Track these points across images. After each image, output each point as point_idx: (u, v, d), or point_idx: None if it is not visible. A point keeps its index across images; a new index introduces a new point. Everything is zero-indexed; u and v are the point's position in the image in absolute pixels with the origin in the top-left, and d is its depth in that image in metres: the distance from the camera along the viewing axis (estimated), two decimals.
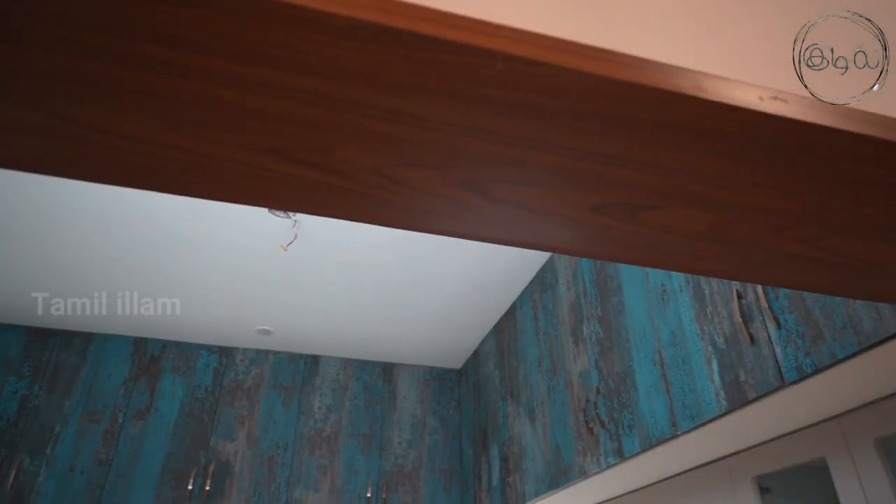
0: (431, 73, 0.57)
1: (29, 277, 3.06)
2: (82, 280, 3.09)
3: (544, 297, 2.87)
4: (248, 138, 0.65)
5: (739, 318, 1.56)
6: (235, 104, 0.60)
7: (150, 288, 3.18)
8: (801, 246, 0.83)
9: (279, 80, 0.57)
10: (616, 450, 2.08)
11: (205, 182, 0.72)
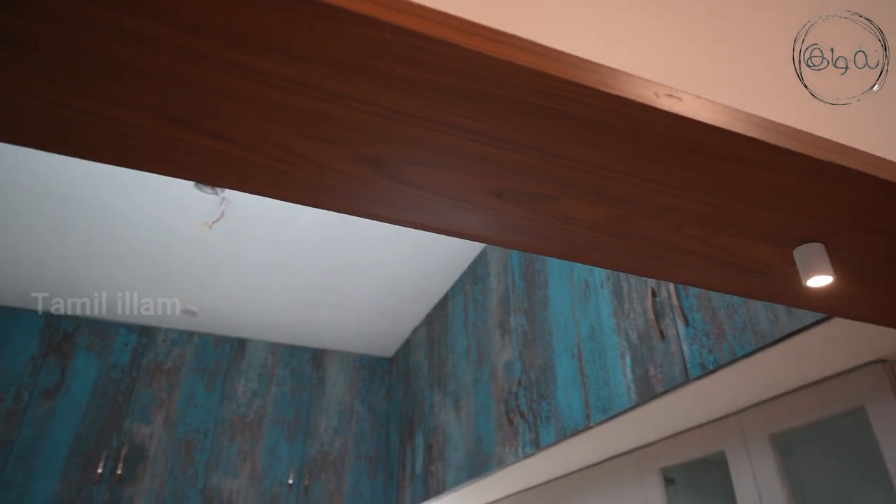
0: (328, 42, 0.55)
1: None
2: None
3: (475, 289, 2.89)
4: (138, 98, 0.61)
5: (652, 315, 1.61)
6: (125, 62, 0.56)
7: (68, 264, 3.01)
8: (698, 244, 0.85)
9: (173, 39, 0.54)
10: (533, 440, 2.12)
11: (94, 144, 0.67)
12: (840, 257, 0.87)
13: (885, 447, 1.30)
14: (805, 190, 0.76)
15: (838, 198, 0.77)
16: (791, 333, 1.23)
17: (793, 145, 0.70)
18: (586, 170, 0.72)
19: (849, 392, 1.39)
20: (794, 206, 0.79)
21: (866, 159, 0.74)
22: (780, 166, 0.72)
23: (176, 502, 3.19)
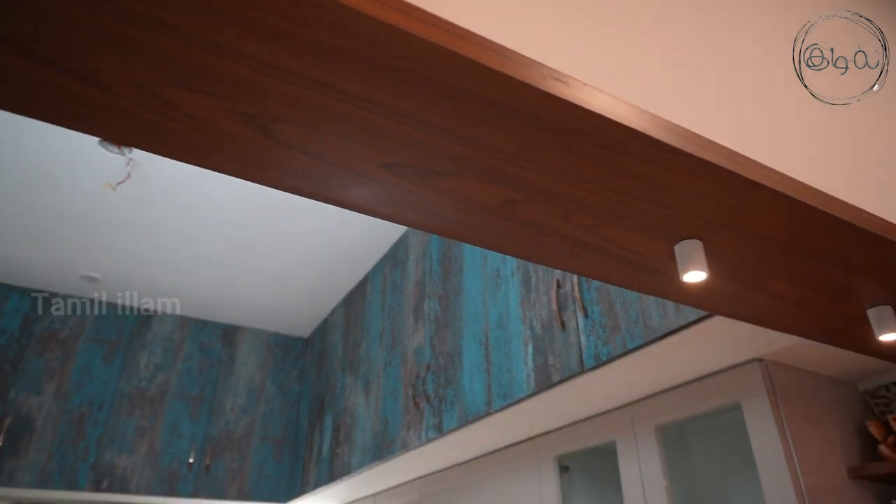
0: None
1: None
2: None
3: (394, 272, 2.87)
4: None
5: (556, 306, 1.64)
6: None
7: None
8: (585, 233, 0.87)
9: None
10: (437, 425, 2.13)
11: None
12: (717, 255, 0.91)
13: (755, 441, 1.38)
14: (686, 187, 0.78)
15: (717, 198, 0.80)
16: (677, 329, 1.28)
17: (674, 141, 0.71)
18: (478, 149, 0.71)
19: (727, 388, 1.47)
20: (676, 202, 0.81)
21: (744, 163, 0.77)
22: (662, 161, 0.74)
23: (63, 478, 3.02)
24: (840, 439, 1.46)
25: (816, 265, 0.96)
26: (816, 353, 1.41)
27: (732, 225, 0.85)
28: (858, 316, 1.11)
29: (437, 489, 2.63)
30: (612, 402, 1.74)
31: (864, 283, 1.02)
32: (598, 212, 0.83)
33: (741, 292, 1.02)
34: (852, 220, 0.85)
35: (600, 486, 2.01)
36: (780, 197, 0.78)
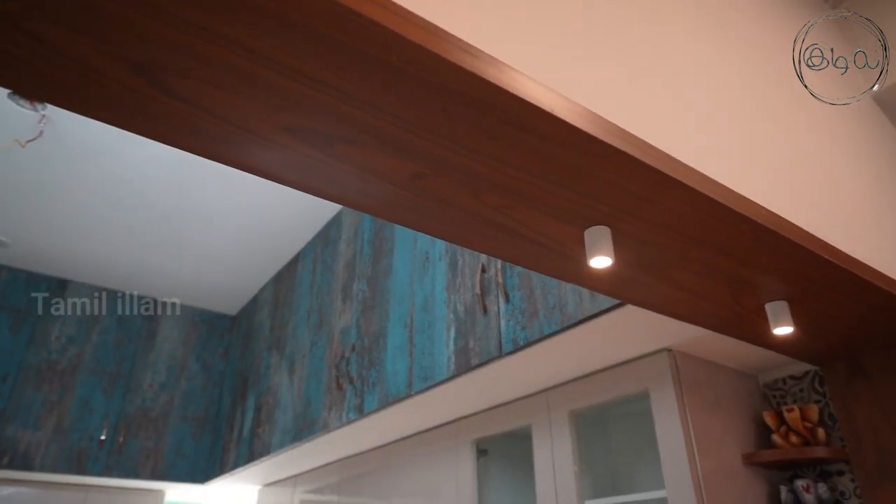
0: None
1: None
2: None
3: (325, 252, 2.82)
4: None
5: (479, 291, 1.65)
6: None
7: None
8: (496, 213, 0.87)
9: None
10: (358, 406, 2.11)
11: None
12: (624, 243, 0.93)
13: (660, 428, 1.43)
14: (597, 174, 0.79)
15: (626, 186, 0.81)
16: (591, 316, 1.31)
17: (587, 127, 0.71)
18: (385, 118, 0.69)
19: (638, 377, 1.52)
20: (587, 188, 0.82)
21: (654, 154, 0.78)
22: (575, 146, 0.74)
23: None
24: (738, 428, 1.53)
25: (719, 258, 0.99)
26: (721, 346, 1.47)
27: (639, 213, 0.86)
28: (757, 309, 1.16)
29: (357, 472, 2.62)
30: (530, 387, 1.77)
31: (763, 279, 1.07)
32: (509, 192, 0.82)
33: (647, 281, 1.05)
34: (754, 217, 0.88)
35: (516, 469, 2.05)
36: (684, 189, 0.80)
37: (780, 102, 1.17)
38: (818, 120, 1.28)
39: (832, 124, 1.34)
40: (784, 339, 1.31)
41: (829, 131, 1.30)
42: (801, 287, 1.10)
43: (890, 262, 1.20)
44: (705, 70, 1.00)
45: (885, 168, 1.49)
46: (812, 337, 1.33)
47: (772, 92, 1.16)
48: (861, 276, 1.07)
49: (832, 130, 1.32)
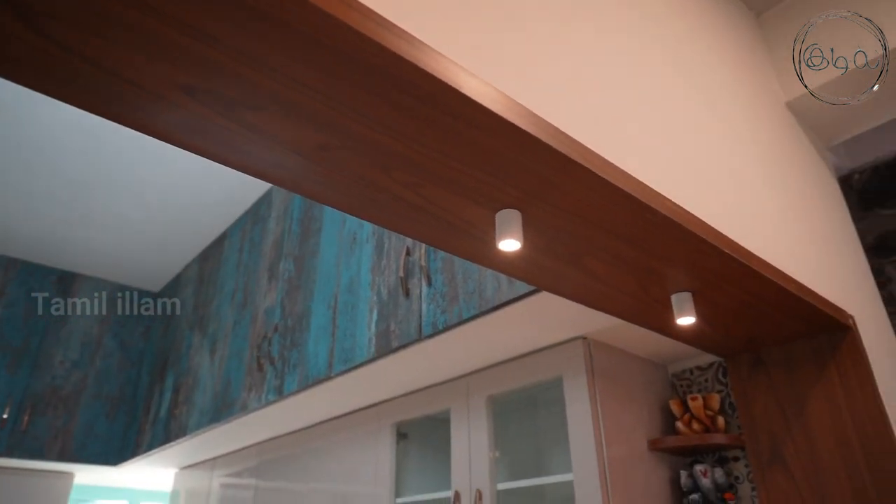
0: None
1: None
2: None
3: (254, 230, 2.74)
4: None
5: (403, 273, 1.64)
6: None
7: None
8: (407, 191, 0.85)
9: None
10: (278, 387, 2.07)
11: None
12: (535, 227, 0.93)
13: (570, 414, 1.47)
14: (508, 156, 0.79)
15: (532, 168, 0.81)
16: (508, 301, 1.32)
17: (496, 107, 0.71)
18: (288, 84, 0.67)
19: (553, 363, 1.55)
20: (498, 170, 0.82)
21: (564, 140, 0.79)
22: (485, 127, 0.73)
23: None
24: (646, 415, 1.59)
25: (626, 248, 1.02)
26: (634, 336, 1.52)
27: (548, 198, 0.87)
28: (663, 300, 1.20)
29: (276, 455, 2.58)
30: (450, 372, 1.78)
31: (668, 270, 1.10)
32: (419, 170, 0.81)
33: (559, 268, 1.07)
34: (656, 207, 0.91)
35: (436, 453, 2.06)
36: (587, 173, 0.81)
37: (692, 100, 1.21)
38: (729, 120, 1.34)
39: (743, 125, 1.40)
40: (690, 331, 1.37)
41: (739, 132, 1.36)
42: (704, 280, 1.14)
43: (789, 262, 1.26)
44: (618, 59, 1.02)
45: (792, 172, 1.57)
46: (716, 329, 1.39)
47: (684, 88, 1.20)
48: (761, 273, 1.12)
49: (743, 131, 1.38)
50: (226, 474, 2.95)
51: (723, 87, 1.39)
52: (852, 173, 2.33)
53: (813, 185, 1.70)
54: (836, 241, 1.64)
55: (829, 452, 1.34)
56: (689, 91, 1.21)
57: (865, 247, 2.27)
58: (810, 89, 1.59)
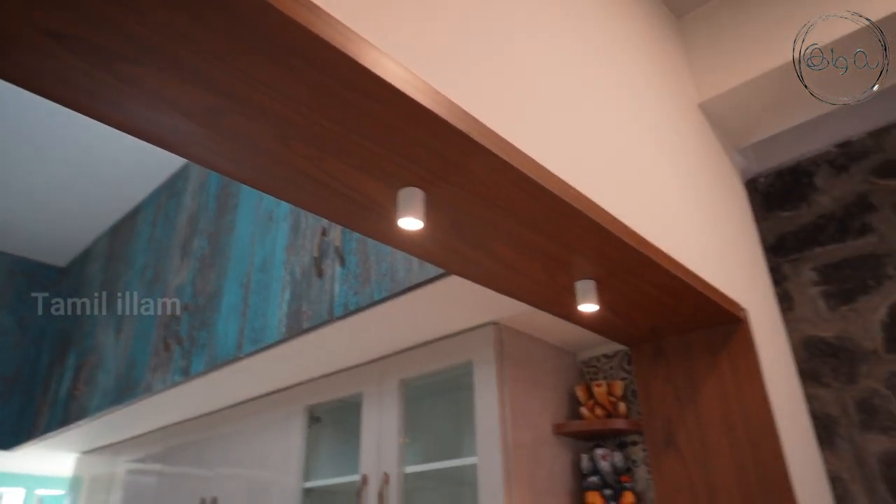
0: None
1: None
2: None
3: (169, 204, 2.61)
4: None
5: (317, 253, 1.60)
6: None
7: None
8: (307, 163, 0.83)
9: None
10: (184, 368, 1.98)
11: None
12: (439, 208, 0.93)
13: (478, 398, 1.48)
14: (406, 131, 0.77)
15: (435, 147, 0.80)
16: (419, 284, 1.32)
17: (389, 77, 0.69)
18: (170, 38, 0.63)
19: (465, 348, 1.56)
20: (399, 147, 0.80)
21: (464, 118, 0.78)
22: (381, 99, 0.71)
23: None
24: (553, 400, 1.62)
25: (532, 234, 1.03)
26: (544, 323, 1.55)
27: (451, 178, 0.86)
28: (569, 287, 1.23)
29: (183, 440, 2.48)
30: (363, 356, 1.76)
31: (573, 258, 1.13)
32: (319, 143, 0.79)
33: (467, 252, 1.06)
34: (559, 193, 0.92)
35: (348, 437, 2.04)
36: (490, 156, 0.81)
37: (605, 93, 1.23)
38: (641, 116, 1.37)
39: (655, 122, 1.44)
40: (595, 318, 1.40)
41: (650, 128, 1.40)
42: (607, 269, 1.17)
43: (689, 256, 1.32)
44: (531, 46, 1.02)
45: (699, 171, 1.63)
46: (620, 318, 1.43)
47: (598, 81, 1.22)
48: (661, 264, 1.16)
49: (654, 128, 1.42)
50: (131, 459, 2.82)
51: (637, 83, 1.42)
52: (759, 176, 2.46)
53: (719, 185, 1.78)
54: (736, 240, 1.73)
55: (717, 436, 1.41)
56: (603, 84, 1.24)
57: (766, 246, 2.41)
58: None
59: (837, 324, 2.13)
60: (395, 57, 0.72)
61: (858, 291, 2.13)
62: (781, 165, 2.43)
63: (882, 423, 1.96)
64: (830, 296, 2.18)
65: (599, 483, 1.51)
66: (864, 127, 2.25)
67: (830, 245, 2.22)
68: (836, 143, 2.31)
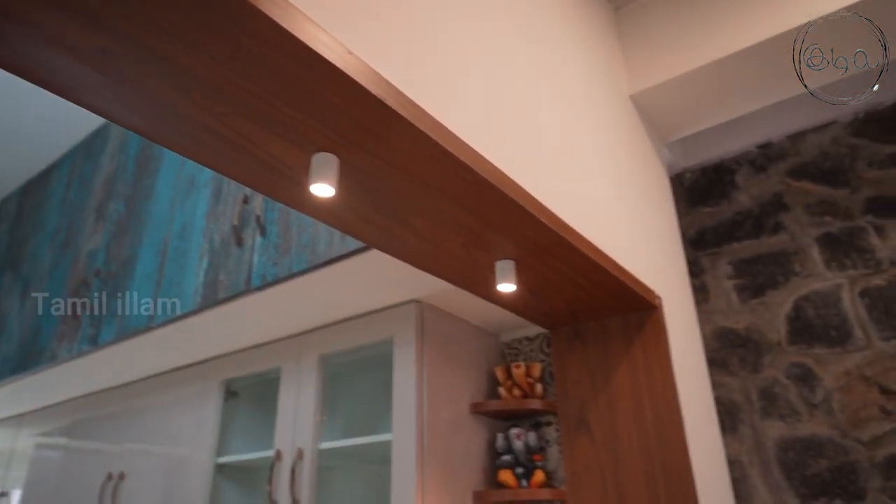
0: None
1: None
2: None
3: (85, 165, 2.46)
4: None
5: (237, 222, 1.55)
6: None
7: None
8: (214, 120, 0.78)
9: None
10: (92, 337, 1.89)
11: None
12: (355, 177, 0.90)
13: (397, 375, 1.47)
14: (319, 93, 0.74)
15: (350, 112, 0.77)
16: (339, 257, 1.29)
17: (298, 32, 0.66)
18: None
19: (386, 325, 1.54)
20: (311, 108, 0.77)
21: (379, 82, 0.76)
22: (290, 54, 0.68)
23: None
24: (473, 380, 1.64)
25: (454, 210, 1.02)
26: (468, 303, 1.55)
27: (368, 146, 0.84)
28: (489, 266, 1.23)
29: (92, 414, 2.36)
30: (283, 330, 1.72)
31: (493, 237, 1.12)
32: (226, 98, 0.74)
33: (385, 223, 1.05)
34: (477, 169, 0.91)
35: (266, 413, 2.00)
36: (407, 125, 0.79)
37: (535, 76, 1.23)
38: (570, 102, 1.38)
39: (584, 110, 1.46)
40: (516, 300, 1.42)
41: (579, 115, 1.41)
42: (527, 249, 1.18)
43: (608, 242, 1.34)
44: (461, 23, 1.00)
45: (625, 162, 1.67)
46: (540, 300, 1.45)
47: (529, 64, 1.22)
48: (578, 248, 1.18)
49: (583, 115, 1.44)
50: (35, 433, 2.67)
51: (568, 68, 1.43)
52: (685, 171, 2.55)
53: (644, 176, 1.83)
54: (656, 230, 1.78)
55: (626, 419, 1.46)
56: (531, 66, 1.24)
57: (687, 239, 2.50)
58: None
59: (747, 316, 2.24)
60: (310, 14, 0.69)
61: (768, 286, 2.25)
62: (706, 162, 2.53)
63: (781, 411, 2.08)
64: (743, 289, 2.29)
65: (512, 461, 1.54)
66: (784, 130, 2.36)
67: (746, 241, 2.33)
68: (757, 143, 2.41)
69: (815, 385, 2.04)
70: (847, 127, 2.29)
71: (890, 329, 2.00)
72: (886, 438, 1.91)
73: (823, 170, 2.28)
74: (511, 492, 1.46)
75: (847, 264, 2.14)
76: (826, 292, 2.15)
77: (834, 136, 2.31)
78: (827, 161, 2.28)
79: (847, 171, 2.24)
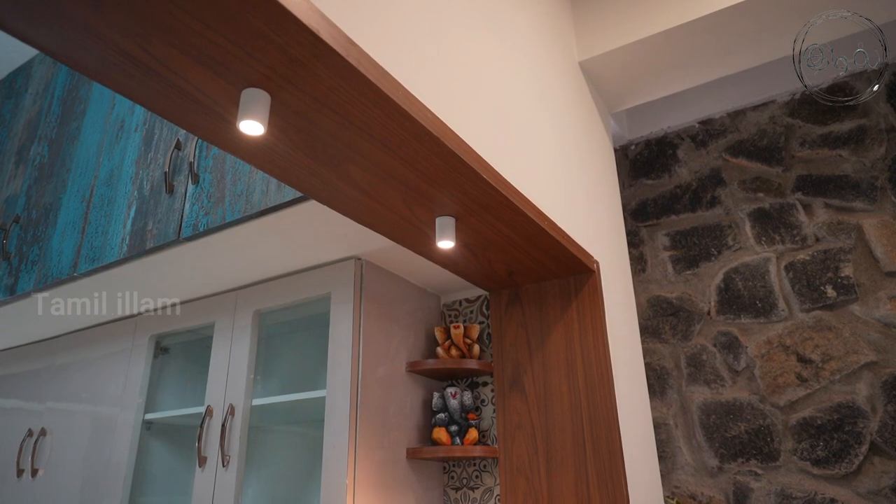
0: None
1: None
2: None
3: (5, 105, 2.29)
4: None
5: (168, 168, 1.47)
6: None
7: None
8: (131, 44, 0.73)
9: None
10: (10, 286, 1.78)
11: None
12: (287, 117, 0.86)
13: (333, 332, 1.45)
14: (242, 18, 0.69)
15: (281, 44, 0.73)
16: (274, 207, 1.24)
17: None
18: None
19: (324, 282, 1.51)
20: (239, 37, 0.72)
21: (307, 8, 0.71)
22: None
23: None
24: (412, 340, 1.63)
25: (390, 159, 0.99)
26: (409, 262, 1.54)
27: (298, 82, 0.80)
28: (429, 223, 1.21)
29: (12, 370, 2.25)
30: (217, 285, 1.66)
31: (433, 191, 1.11)
32: (141, 18, 0.69)
33: (319, 170, 1.01)
34: (418, 118, 0.88)
35: (197, 370, 1.94)
36: (337, 58, 0.75)
37: (485, 33, 1.21)
38: (516, 61, 1.37)
39: (530, 70, 1.44)
40: (455, 259, 1.41)
41: (524, 75, 1.40)
42: (467, 207, 1.17)
43: (548, 204, 1.35)
44: None
45: (571, 127, 1.67)
46: (480, 261, 1.45)
47: (480, 22, 1.19)
48: (517, 206, 1.17)
49: (528, 75, 1.42)
50: None
51: (518, 29, 1.41)
52: (630, 144, 2.59)
53: (589, 143, 1.84)
54: (598, 197, 1.80)
55: (559, 380, 1.49)
56: (482, 21, 1.21)
57: (629, 211, 2.56)
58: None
59: (681, 286, 2.32)
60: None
61: (702, 258, 2.33)
62: (651, 136, 2.57)
63: (706, 377, 2.18)
64: (678, 261, 2.36)
65: (447, 420, 1.55)
66: (725, 107, 2.42)
67: (684, 214, 2.40)
68: (699, 119, 2.47)
69: (740, 353, 2.14)
70: (784, 107, 2.36)
71: (810, 301, 2.11)
72: (800, 403, 2.02)
73: (760, 147, 2.36)
74: (444, 448, 1.48)
75: (776, 239, 2.23)
76: (755, 265, 2.24)
77: (771, 115, 2.39)
78: (763, 139, 2.36)
79: (781, 149, 2.33)
